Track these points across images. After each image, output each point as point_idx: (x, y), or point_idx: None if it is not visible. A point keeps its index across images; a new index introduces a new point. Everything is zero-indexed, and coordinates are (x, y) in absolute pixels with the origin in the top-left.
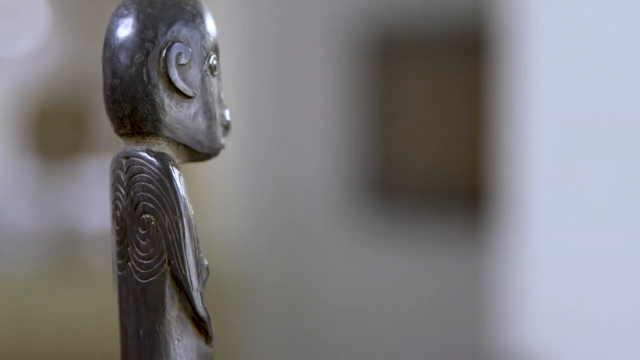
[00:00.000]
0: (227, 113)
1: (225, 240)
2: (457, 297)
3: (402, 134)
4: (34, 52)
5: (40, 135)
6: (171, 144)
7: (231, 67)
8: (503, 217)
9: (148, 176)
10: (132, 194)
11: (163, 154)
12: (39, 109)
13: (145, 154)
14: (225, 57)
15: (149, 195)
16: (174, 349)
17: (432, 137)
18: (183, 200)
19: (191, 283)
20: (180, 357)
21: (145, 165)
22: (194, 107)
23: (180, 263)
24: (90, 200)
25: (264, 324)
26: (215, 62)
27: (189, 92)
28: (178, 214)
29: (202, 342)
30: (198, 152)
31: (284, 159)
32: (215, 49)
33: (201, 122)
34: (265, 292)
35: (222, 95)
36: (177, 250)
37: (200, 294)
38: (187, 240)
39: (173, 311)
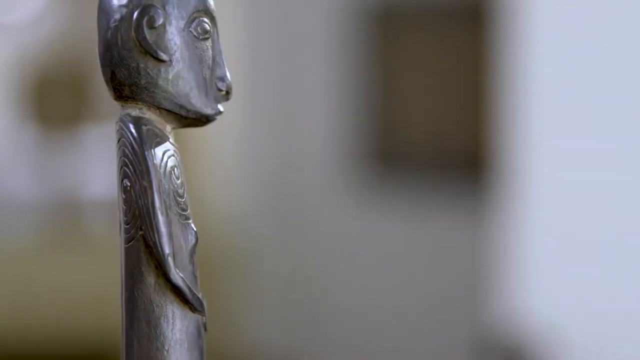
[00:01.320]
0: (226, 78)
1: (225, 210)
2: (457, 264)
3: (403, 102)
4: (33, 18)
5: (40, 103)
6: (152, 109)
7: (231, 35)
8: (503, 184)
9: (125, 141)
10: (117, 159)
11: (139, 118)
12: (38, 77)
13: (125, 118)
14: (225, 24)
15: (126, 160)
16: (154, 316)
17: (432, 106)
18: (153, 165)
19: (162, 249)
20: (160, 324)
21: (124, 130)
22: (172, 71)
23: (150, 229)
24: (91, 169)
25: (263, 294)
26: (206, 25)
27: (163, 57)
28: (146, 179)
29: (188, 311)
30: (184, 117)
31: (285, 127)
32: (206, 12)
33: (182, 87)
34: (265, 261)
35: (221, 60)
36: (146, 217)
37: (173, 260)
38: (157, 206)
39: (150, 277)
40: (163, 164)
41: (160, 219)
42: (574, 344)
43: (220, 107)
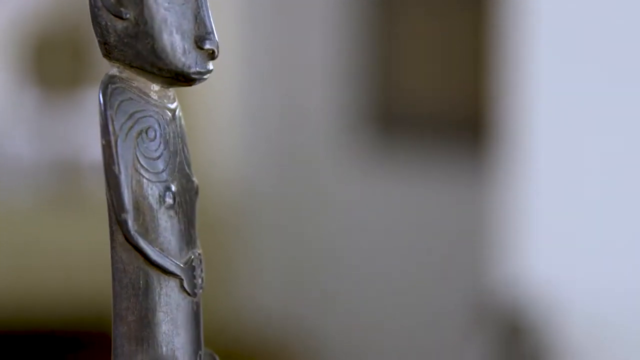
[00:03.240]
0: (210, 36)
1: (226, 173)
2: (457, 227)
3: (405, 64)
4: None
5: (39, 65)
6: (126, 67)
7: None
8: (504, 147)
9: (97, 100)
10: None
11: (112, 77)
12: (37, 39)
13: (103, 78)
14: None
15: (98, 118)
16: (124, 276)
17: (435, 69)
18: (112, 124)
19: (116, 209)
20: (126, 285)
21: (99, 89)
22: (134, 28)
23: (108, 188)
24: (91, 131)
25: (264, 257)
26: None
27: (125, 15)
28: (105, 137)
29: (161, 273)
30: (157, 74)
31: (287, 90)
32: None
33: (147, 43)
34: (267, 224)
35: (205, 17)
36: (105, 173)
37: (128, 217)
38: (112, 165)
39: (119, 236)
40: (129, 123)
41: (117, 178)
42: (574, 307)
43: (208, 65)
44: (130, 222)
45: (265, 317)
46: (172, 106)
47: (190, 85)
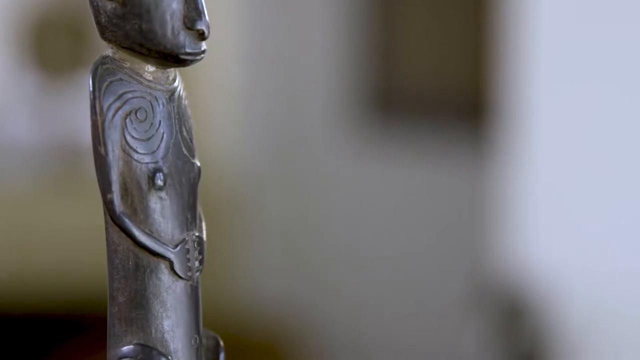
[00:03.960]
0: (199, 17)
1: (225, 154)
2: (456, 208)
3: (404, 46)
4: None
5: (39, 48)
6: (119, 48)
7: None
8: (504, 129)
9: None
10: None
11: (105, 57)
12: (37, 20)
13: (96, 59)
14: None
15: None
16: (115, 256)
17: (433, 50)
18: (99, 103)
19: (101, 189)
20: (117, 266)
21: None
22: (122, 9)
23: (95, 167)
24: None
25: (263, 239)
26: None
27: None
28: (92, 117)
29: (151, 256)
30: (146, 55)
31: (286, 71)
32: None
33: (134, 24)
34: (265, 205)
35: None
36: (93, 154)
37: (113, 197)
38: (101, 142)
39: (108, 215)
40: (117, 104)
41: (103, 158)
42: (574, 290)
43: (200, 46)
44: (116, 203)
45: (264, 300)
46: (169, 87)
47: (183, 65)
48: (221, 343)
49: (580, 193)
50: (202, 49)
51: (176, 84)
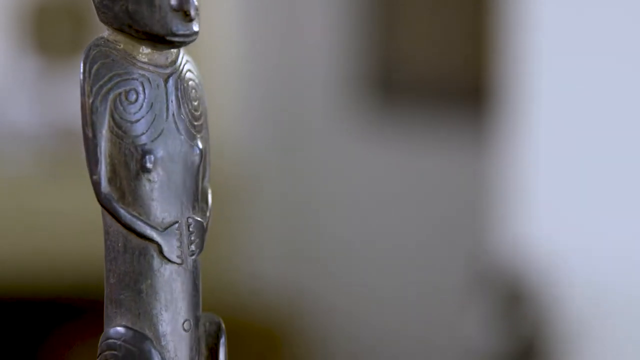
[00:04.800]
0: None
1: (225, 138)
2: (458, 193)
3: (406, 29)
4: None
5: (40, 32)
6: (112, 30)
7: None
8: (505, 111)
9: None
10: None
11: (99, 38)
12: (38, 6)
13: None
14: None
15: None
16: (107, 238)
17: (435, 34)
18: (88, 85)
19: (89, 170)
20: (109, 248)
21: None
22: None
23: (83, 148)
24: None
25: (263, 224)
26: None
27: None
28: (80, 98)
29: (135, 237)
30: (134, 36)
31: (286, 55)
32: None
33: (122, 5)
34: (266, 191)
35: None
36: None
37: (99, 179)
38: (87, 123)
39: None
40: (107, 85)
41: (89, 140)
42: (574, 272)
43: (189, 27)
44: (102, 184)
45: (264, 284)
46: (167, 69)
47: (172, 47)
48: (223, 326)
49: (580, 177)
50: (193, 30)
51: (177, 65)
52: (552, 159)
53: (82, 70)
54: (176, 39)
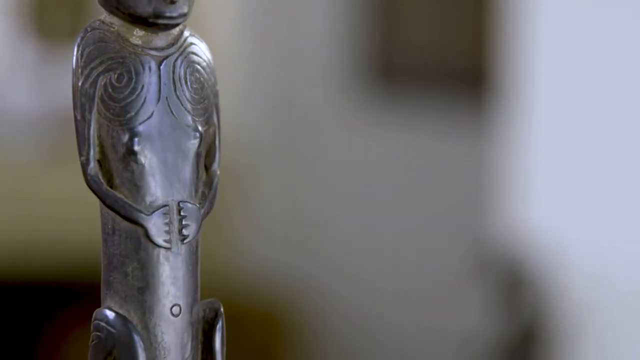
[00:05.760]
0: None
1: (227, 123)
2: (458, 178)
3: (405, 14)
4: None
5: (40, 17)
6: (108, 12)
7: None
8: (506, 96)
9: None
10: None
11: (95, 21)
12: None
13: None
14: None
15: None
16: (100, 220)
17: (436, 18)
18: (78, 66)
19: (78, 151)
20: (101, 229)
21: None
22: None
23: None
24: None
25: (262, 205)
26: None
27: None
28: (72, 78)
29: (122, 220)
30: (127, 20)
31: (287, 41)
32: None
33: None
34: (267, 177)
35: None
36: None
37: (86, 160)
38: (77, 105)
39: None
40: (98, 68)
41: (77, 121)
42: (575, 258)
43: (171, 11)
44: (90, 166)
45: (264, 268)
46: (162, 52)
47: (158, 30)
48: (221, 311)
49: (581, 163)
50: (179, 12)
51: (177, 47)
52: (553, 145)
53: (74, 53)
54: (160, 21)
